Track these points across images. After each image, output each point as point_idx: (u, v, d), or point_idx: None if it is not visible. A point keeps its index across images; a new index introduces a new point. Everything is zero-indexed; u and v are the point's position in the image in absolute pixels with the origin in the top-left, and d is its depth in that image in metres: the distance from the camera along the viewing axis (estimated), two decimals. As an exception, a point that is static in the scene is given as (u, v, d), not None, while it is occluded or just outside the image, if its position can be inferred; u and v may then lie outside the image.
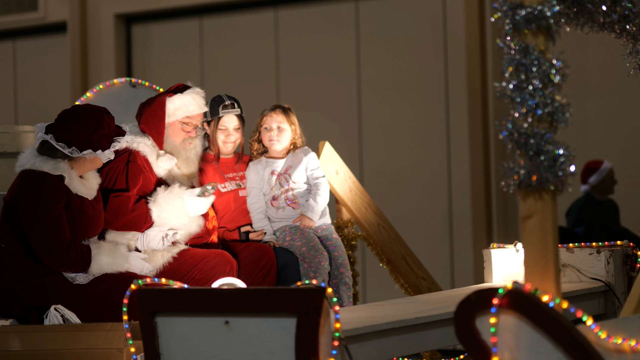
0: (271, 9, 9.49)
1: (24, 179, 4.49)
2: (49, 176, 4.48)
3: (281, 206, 5.38)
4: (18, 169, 4.57)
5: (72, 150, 4.50)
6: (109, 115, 4.63)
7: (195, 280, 4.84)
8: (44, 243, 4.41)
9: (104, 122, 4.57)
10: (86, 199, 4.61)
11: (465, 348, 3.20)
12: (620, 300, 4.99)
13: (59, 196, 4.46)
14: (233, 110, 5.39)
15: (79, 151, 4.51)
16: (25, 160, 4.56)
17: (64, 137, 4.50)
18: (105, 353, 4.07)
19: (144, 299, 3.49)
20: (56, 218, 4.43)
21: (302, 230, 5.31)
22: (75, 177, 4.58)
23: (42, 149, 4.53)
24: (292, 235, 5.31)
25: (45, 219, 4.41)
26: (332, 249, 5.35)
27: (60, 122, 4.56)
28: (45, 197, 4.43)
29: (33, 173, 4.48)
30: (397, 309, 4.23)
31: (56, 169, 4.51)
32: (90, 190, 4.66)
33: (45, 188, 4.44)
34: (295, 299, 3.29)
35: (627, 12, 3.71)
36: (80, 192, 4.58)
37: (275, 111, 5.42)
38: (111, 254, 4.57)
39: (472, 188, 8.59)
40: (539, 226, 3.19)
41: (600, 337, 3.15)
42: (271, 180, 5.39)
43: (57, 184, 4.48)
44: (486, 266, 5.19)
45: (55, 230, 4.42)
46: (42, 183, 4.45)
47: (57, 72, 10.23)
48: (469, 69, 8.61)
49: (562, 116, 3.17)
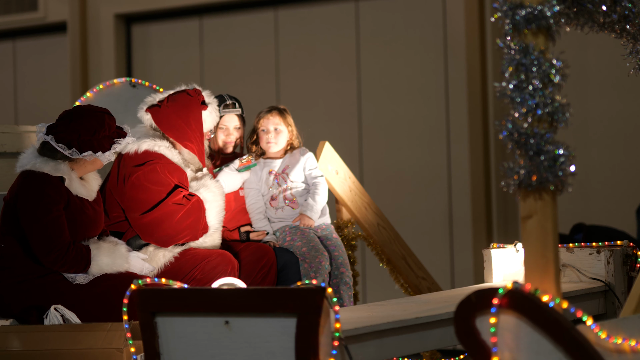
0: (271, 9, 9.49)
1: (25, 179, 4.49)
2: (49, 177, 4.48)
3: (280, 206, 5.38)
4: (19, 169, 4.57)
5: (72, 151, 4.50)
6: (110, 117, 4.62)
7: (196, 280, 4.84)
8: (43, 244, 4.41)
9: (105, 123, 4.56)
10: (86, 200, 4.61)
11: (465, 348, 3.20)
12: (620, 300, 4.99)
13: (58, 197, 4.46)
14: (234, 110, 5.39)
15: (79, 152, 4.51)
16: (26, 160, 4.56)
17: (65, 138, 4.50)
18: (105, 353, 4.07)
19: (144, 299, 3.49)
20: (56, 219, 4.43)
21: (302, 231, 5.31)
22: (75, 179, 4.58)
23: (43, 150, 4.53)
24: (292, 236, 5.31)
25: (44, 219, 4.41)
26: (332, 249, 5.35)
27: (61, 122, 4.56)
28: (45, 198, 4.43)
29: (33, 174, 4.48)
30: (397, 309, 4.23)
31: (56, 170, 4.50)
32: (90, 192, 4.66)
33: (45, 189, 4.44)
34: (295, 299, 3.29)
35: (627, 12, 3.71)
36: (80, 193, 4.58)
37: (272, 113, 5.42)
38: (111, 254, 4.57)
39: (472, 188, 8.59)
40: (539, 226, 3.19)
41: (600, 337, 3.15)
42: (269, 179, 5.39)
43: (57, 185, 4.48)
44: (486, 266, 5.19)
45: (55, 231, 4.42)
46: (42, 184, 4.45)
47: (57, 72, 10.23)
48: (469, 69, 8.61)
49: (562, 116, 3.17)
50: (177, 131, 5.02)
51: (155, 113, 5.04)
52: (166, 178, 4.92)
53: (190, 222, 4.91)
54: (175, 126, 5.01)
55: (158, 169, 4.92)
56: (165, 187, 4.92)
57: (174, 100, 5.06)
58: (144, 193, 4.89)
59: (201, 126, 5.06)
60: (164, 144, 4.99)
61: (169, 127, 5.01)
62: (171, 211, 4.88)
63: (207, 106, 5.13)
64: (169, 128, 5.01)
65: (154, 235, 4.89)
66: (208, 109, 5.14)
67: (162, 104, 5.06)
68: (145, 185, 4.89)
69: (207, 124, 5.14)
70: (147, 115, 5.07)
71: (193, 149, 5.04)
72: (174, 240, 4.91)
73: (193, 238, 4.95)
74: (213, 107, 5.17)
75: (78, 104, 5.74)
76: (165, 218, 4.88)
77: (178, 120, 5.02)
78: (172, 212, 4.88)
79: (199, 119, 5.07)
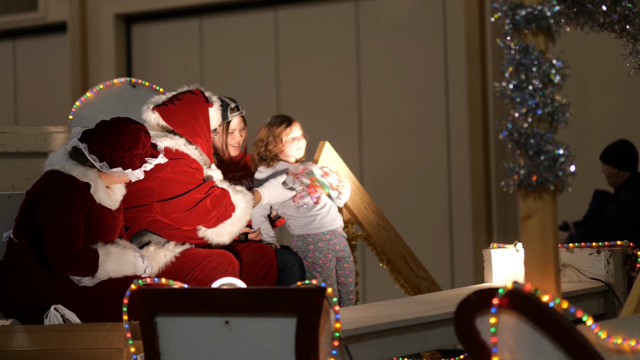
0: (271, 8, 9.49)
1: (51, 178, 4.48)
2: (76, 181, 4.46)
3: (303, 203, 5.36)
4: (47, 167, 4.56)
5: (102, 165, 4.48)
6: (147, 134, 4.59)
7: (197, 280, 4.84)
8: (55, 246, 4.39)
9: (140, 142, 4.53)
10: (108, 209, 4.60)
11: (465, 348, 3.21)
12: (620, 300, 4.99)
13: (81, 203, 4.44)
14: (240, 112, 5.40)
15: (109, 167, 4.49)
16: (56, 160, 4.54)
17: (98, 150, 4.48)
18: (105, 353, 4.07)
19: (144, 299, 3.49)
20: (74, 224, 4.41)
21: (323, 265, 5.35)
22: (101, 187, 4.55)
23: (75, 155, 4.52)
24: (313, 261, 5.35)
25: (62, 222, 4.39)
26: (341, 281, 5.42)
27: (96, 134, 4.52)
28: (68, 201, 4.41)
29: (61, 175, 4.47)
30: (397, 309, 4.23)
31: (84, 176, 4.49)
32: (114, 202, 4.64)
33: (69, 192, 4.43)
34: (295, 299, 3.29)
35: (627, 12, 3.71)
36: (104, 202, 4.56)
37: (296, 122, 5.47)
38: (119, 259, 4.55)
39: (472, 188, 8.59)
40: (539, 226, 3.19)
41: (600, 337, 3.15)
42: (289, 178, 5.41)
43: (83, 191, 4.46)
44: (486, 266, 5.19)
45: (70, 235, 4.40)
46: (67, 187, 4.44)
47: (57, 72, 10.23)
48: (469, 69, 8.61)
49: (562, 116, 3.18)
50: (187, 127, 5.03)
51: (164, 111, 5.05)
52: (193, 172, 4.97)
53: (220, 209, 4.98)
54: (185, 122, 5.03)
55: (182, 163, 4.95)
56: (195, 179, 4.96)
57: (180, 98, 5.08)
58: (176, 185, 4.91)
59: (208, 123, 5.10)
60: (181, 142, 5.02)
61: (179, 124, 5.03)
62: (202, 199, 4.94)
63: (212, 104, 5.14)
64: (179, 124, 5.03)
65: (187, 220, 4.97)
66: (214, 107, 5.16)
67: (168, 103, 5.07)
68: (176, 177, 4.92)
69: (213, 121, 5.16)
70: (154, 114, 5.07)
71: (202, 144, 5.06)
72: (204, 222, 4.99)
73: (222, 219, 5.02)
74: (217, 106, 5.18)
75: (78, 104, 5.75)
76: (198, 206, 4.93)
77: (187, 117, 5.04)
78: (204, 200, 4.95)
79: (206, 116, 5.10)
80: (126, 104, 5.57)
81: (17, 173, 5.18)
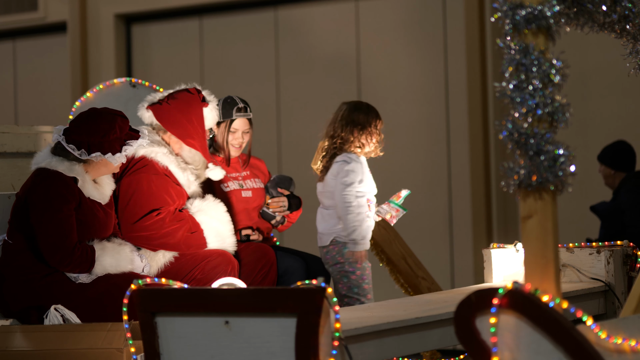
0: (271, 9, 9.49)
1: (38, 177, 4.49)
2: (62, 176, 4.47)
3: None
4: (34, 166, 4.57)
5: (81, 152, 4.49)
6: (123, 119, 4.60)
7: (196, 280, 4.84)
8: (50, 243, 4.40)
9: (116, 125, 4.54)
10: (98, 203, 4.60)
11: (465, 348, 3.21)
12: (620, 300, 4.99)
13: (70, 197, 4.45)
14: (246, 114, 5.38)
15: (88, 153, 4.50)
16: (41, 158, 4.56)
17: (75, 139, 4.50)
18: (105, 353, 4.07)
19: (144, 299, 3.49)
20: (65, 219, 4.42)
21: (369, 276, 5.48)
22: (88, 181, 4.56)
23: (56, 150, 4.53)
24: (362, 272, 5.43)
25: (54, 218, 4.40)
26: None
27: (73, 124, 4.56)
28: (58, 197, 4.42)
29: (47, 172, 4.48)
30: (397, 309, 4.23)
31: (70, 170, 4.50)
32: (103, 195, 4.64)
33: (57, 188, 4.44)
34: (295, 299, 3.29)
35: (627, 12, 3.71)
36: (92, 196, 4.57)
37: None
38: (115, 254, 4.56)
39: (472, 188, 8.59)
40: (539, 226, 3.19)
41: (600, 337, 3.15)
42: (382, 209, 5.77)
43: (70, 185, 4.47)
44: (486, 266, 5.19)
45: (64, 230, 4.41)
46: (55, 182, 4.45)
47: (57, 72, 10.23)
48: (469, 69, 8.61)
49: (562, 116, 3.18)
50: (179, 128, 5.01)
51: (157, 110, 5.03)
52: (158, 191, 4.90)
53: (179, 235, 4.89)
54: (177, 123, 5.00)
55: (146, 179, 4.89)
56: (155, 200, 4.89)
57: (174, 97, 5.05)
58: (135, 199, 4.85)
59: (202, 123, 5.05)
60: (161, 150, 4.97)
61: (170, 124, 5.00)
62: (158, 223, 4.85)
63: (207, 104, 5.12)
64: (171, 124, 5.00)
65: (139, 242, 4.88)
66: (209, 107, 5.13)
67: (162, 101, 5.05)
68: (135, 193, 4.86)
69: (208, 121, 5.13)
70: (148, 113, 5.06)
71: (195, 145, 5.02)
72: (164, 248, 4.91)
73: (185, 250, 4.94)
74: (213, 106, 5.16)
75: (78, 104, 5.75)
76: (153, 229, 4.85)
77: (180, 117, 5.01)
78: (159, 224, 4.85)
79: (201, 115, 5.06)
80: (126, 104, 5.57)
81: (17, 173, 5.18)
